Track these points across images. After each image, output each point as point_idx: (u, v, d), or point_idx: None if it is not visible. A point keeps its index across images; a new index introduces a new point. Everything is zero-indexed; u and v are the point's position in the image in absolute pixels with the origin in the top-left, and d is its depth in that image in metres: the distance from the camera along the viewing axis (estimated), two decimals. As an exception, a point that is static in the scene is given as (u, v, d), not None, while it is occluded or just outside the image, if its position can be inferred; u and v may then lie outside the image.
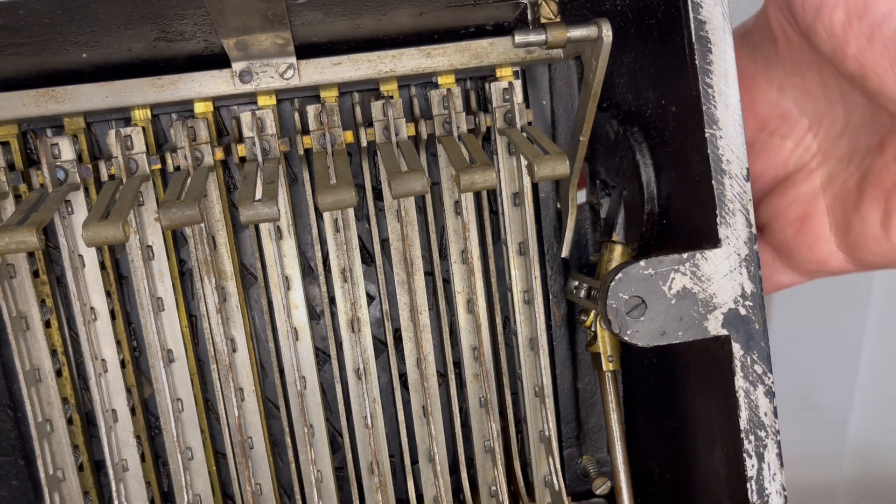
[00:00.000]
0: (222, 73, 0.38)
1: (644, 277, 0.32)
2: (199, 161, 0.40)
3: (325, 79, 0.39)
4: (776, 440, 0.33)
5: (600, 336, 0.42)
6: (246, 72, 0.38)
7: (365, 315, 0.43)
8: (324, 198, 0.33)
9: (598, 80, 0.35)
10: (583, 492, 0.48)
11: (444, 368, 0.46)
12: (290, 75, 0.38)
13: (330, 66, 0.39)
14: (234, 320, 0.42)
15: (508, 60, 0.40)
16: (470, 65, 0.40)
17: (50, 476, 0.40)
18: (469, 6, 0.36)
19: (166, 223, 0.32)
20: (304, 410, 0.42)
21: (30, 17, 0.30)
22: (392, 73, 0.39)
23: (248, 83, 0.38)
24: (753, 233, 0.32)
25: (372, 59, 0.39)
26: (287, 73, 0.38)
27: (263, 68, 0.38)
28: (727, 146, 0.32)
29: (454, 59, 0.40)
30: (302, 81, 0.38)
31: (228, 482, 0.45)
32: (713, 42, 0.31)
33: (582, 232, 0.45)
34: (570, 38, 0.33)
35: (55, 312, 0.41)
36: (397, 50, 0.39)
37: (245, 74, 0.38)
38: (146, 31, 0.33)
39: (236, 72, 0.38)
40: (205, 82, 0.38)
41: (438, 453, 0.43)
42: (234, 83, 0.38)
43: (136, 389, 0.43)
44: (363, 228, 0.45)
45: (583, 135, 0.38)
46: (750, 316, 0.32)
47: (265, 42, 0.36)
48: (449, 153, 0.38)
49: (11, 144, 0.39)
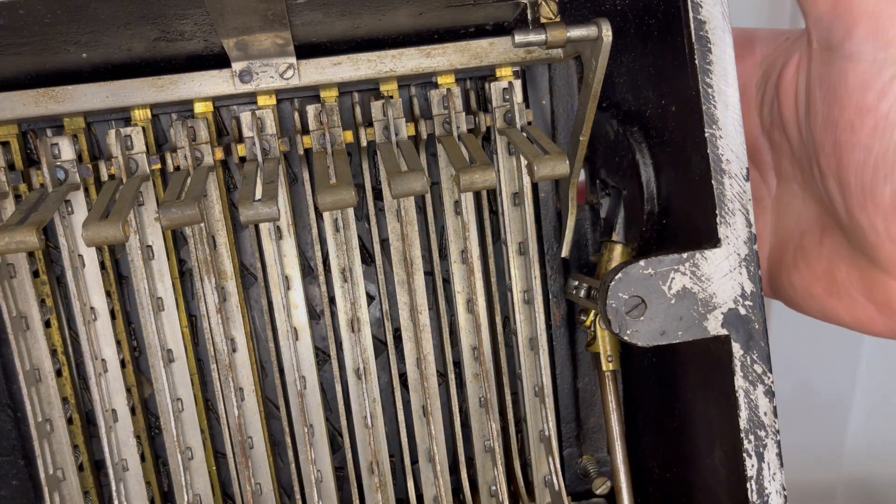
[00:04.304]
0: (222, 73, 0.38)
1: (644, 277, 0.32)
2: (199, 161, 0.40)
3: (325, 79, 0.39)
4: (776, 440, 0.33)
5: (600, 336, 0.42)
6: (246, 72, 0.38)
7: (365, 315, 0.43)
8: (324, 198, 0.33)
9: (597, 80, 0.35)
10: (583, 492, 0.48)
11: (444, 368, 0.46)
12: (290, 75, 0.38)
13: (330, 66, 0.39)
14: (234, 320, 0.42)
15: (508, 60, 0.40)
16: (470, 65, 0.40)
17: (50, 476, 0.40)
18: (469, 6, 0.36)
19: (166, 223, 0.32)
20: (304, 410, 0.42)
21: (30, 17, 0.30)
22: (392, 73, 0.39)
23: (248, 83, 0.38)
24: (753, 232, 0.32)
25: (372, 59, 0.39)
26: (287, 73, 0.38)
27: (263, 68, 0.38)
28: (727, 146, 0.32)
29: (454, 59, 0.39)
30: (302, 81, 0.38)
31: (228, 482, 0.45)
32: (713, 42, 0.31)
33: (582, 232, 0.45)
34: (570, 38, 0.33)
35: (55, 312, 0.41)
36: (397, 50, 0.39)
37: (245, 74, 0.38)
38: (146, 30, 0.33)
39: (236, 72, 0.38)
40: (205, 82, 0.38)
41: (438, 453, 0.43)
42: (234, 83, 0.38)
43: (136, 389, 0.43)
44: (363, 228, 0.45)
45: (583, 135, 0.38)
46: (750, 316, 0.32)
47: (265, 42, 0.36)
48: (449, 153, 0.38)
49: (11, 144, 0.39)
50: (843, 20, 0.33)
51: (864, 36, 0.33)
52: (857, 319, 0.39)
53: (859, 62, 0.33)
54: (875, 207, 0.34)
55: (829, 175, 0.35)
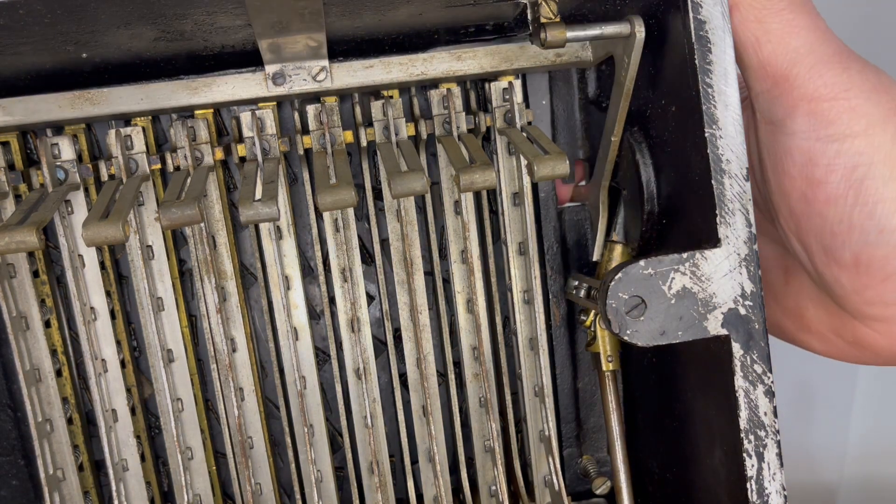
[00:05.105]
0: (255, 76, 0.38)
1: (644, 277, 0.32)
2: (199, 161, 0.40)
3: (357, 81, 0.38)
4: (776, 440, 0.32)
5: (600, 336, 0.42)
6: (279, 74, 0.37)
7: (365, 315, 0.43)
8: (324, 198, 0.33)
9: (630, 78, 0.35)
10: (583, 492, 0.48)
11: (444, 368, 0.46)
12: (323, 78, 0.38)
13: (362, 68, 0.38)
14: (234, 320, 0.42)
15: (539, 64, 0.40)
16: (500, 68, 0.39)
17: (50, 476, 0.40)
18: (469, 6, 0.36)
19: (166, 223, 0.32)
20: (304, 410, 0.42)
21: (30, 17, 0.30)
22: (423, 76, 0.39)
23: (281, 86, 0.38)
24: (753, 232, 0.32)
25: (403, 63, 0.39)
26: (319, 76, 0.38)
27: (296, 71, 0.38)
28: (727, 146, 0.32)
29: (484, 63, 0.39)
30: (334, 84, 0.38)
31: (228, 482, 0.45)
32: (713, 42, 0.31)
33: (581, 232, 0.45)
34: (603, 35, 0.34)
35: (55, 312, 0.41)
36: (428, 53, 0.39)
37: (278, 77, 0.38)
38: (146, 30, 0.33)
39: (269, 74, 0.37)
40: (238, 85, 0.38)
41: (438, 453, 0.43)
42: (266, 86, 0.38)
43: (136, 389, 0.43)
44: (363, 228, 0.45)
45: (614, 135, 0.38)
46: (750, 315, 0.32)
47: (298, 44, 0.36)
48: (449, 153, 0.38)
49: (11, 144, 0.39)
50: (784, 100, 0.33)
51: (806, 116, 0.32)
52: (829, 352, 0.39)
53: (804, 140, 0.33)
54: (839, 267, 0.34)
55: (791, 234, 0.35)
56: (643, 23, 0.33)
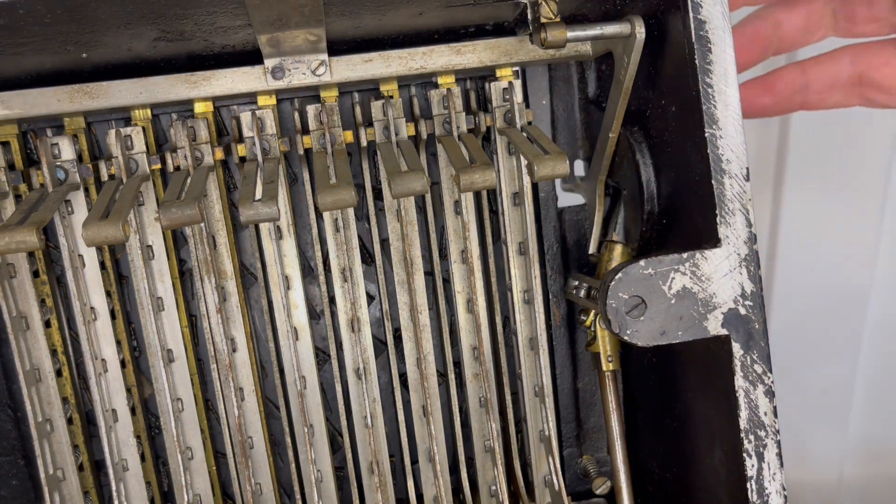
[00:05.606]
0: (254, 70, 0.38)
1: (644, 277, 0.32)
2: (199, 161, 0.40)
3: (357, 75, 0.39)
4: (776, 440, 0.33)
5: (600, 336, 0.42)
6: (278, 68, 0.38)
7: (365, 315, 0.43)
8: (324, 198, 0.33)
9: (629, 77, 0.35)
10: (583, 492, 0.48)
11: (444, 368, 0.46)
12: (322, 72, 0.38)
13: (361, 62, 0.39)
14: (234, 320, 0.42)
15: (539, 58, 0.40)
16: (499, 62, 0.40)
17: (50, 476, 0.40)
18: (469, 6, 0.36)
19: (166, 223, 0.32)
20: (304, 410, 0.42)
21: (30, 17, 0.30)
22: (423, 69, 0.39)
23: (281, 79, 0.38)
24: (753, 232, 0.32)
25: (403, 56, 0.39)
26: (319, 70, 0.38)
27: (295, 65, 0.38)
28: (727, 146, 0.32)
29: (484, 56, 0.39)
30: (333, 78, 0.38)
31: (228, 482, 0.45)
32: (713, 42, 0.31)
33: (581, 232, 0.45)
34: (603, 35, 0.34)
35: (55, 312, 0.41)
36: (427, 47, 0.39)
37: (277, 71, 0.38)
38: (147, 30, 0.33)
39: (268, 68, 0.38)
40: (237, 79, 0.38)
41: (438, 453, 0.43)
42: (266, 79, 0.38)
43: (136, 389, 0.43)
44: (363, 228, 0.45)
45: (612, 131, 0.38)
46: (750, 315, 0.32)
47: (297, 38, 0.36)
48: (449, 153, 0.38)
49: (11, 144, 0.39)
50: None
51: None
52: None
53: None
54: None
55: None
56: (643, 23, 0.33)
